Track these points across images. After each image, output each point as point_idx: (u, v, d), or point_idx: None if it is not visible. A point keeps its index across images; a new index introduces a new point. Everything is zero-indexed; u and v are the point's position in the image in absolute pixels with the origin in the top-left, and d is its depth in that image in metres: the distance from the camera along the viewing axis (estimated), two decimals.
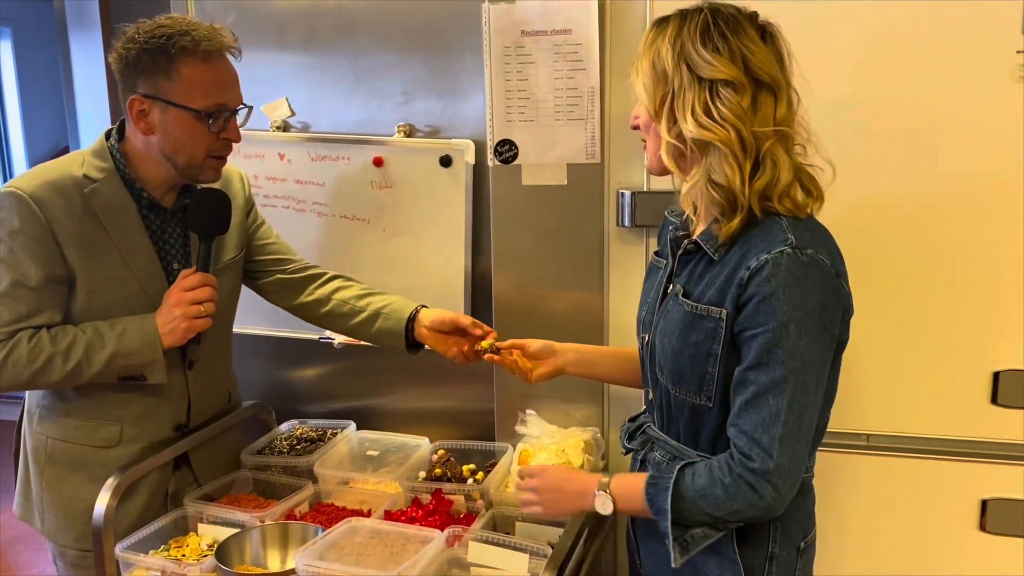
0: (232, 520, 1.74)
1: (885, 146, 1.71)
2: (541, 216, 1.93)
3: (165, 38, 1.60)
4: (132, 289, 1.71)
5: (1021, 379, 1.72)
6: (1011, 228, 1.68)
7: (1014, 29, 1.61)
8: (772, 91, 1.31)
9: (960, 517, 1.79)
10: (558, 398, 1.98)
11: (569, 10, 1.81)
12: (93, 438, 1.75)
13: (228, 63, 1.70)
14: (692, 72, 1.29)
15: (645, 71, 1.34)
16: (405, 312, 1.86)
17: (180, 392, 1.82)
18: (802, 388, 1.26)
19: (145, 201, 1.72)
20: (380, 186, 2.09)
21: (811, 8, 1.69)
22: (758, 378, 1.27)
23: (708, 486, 1.30)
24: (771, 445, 1.26)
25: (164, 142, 1.67)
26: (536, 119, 1.88)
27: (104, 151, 1.71)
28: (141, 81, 1.63)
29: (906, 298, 1.74)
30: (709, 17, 1.31)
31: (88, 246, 1.65)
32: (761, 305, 1.25)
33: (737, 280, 1.28)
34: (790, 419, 1.26)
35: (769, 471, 1.26)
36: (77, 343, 1.64)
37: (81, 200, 1.65)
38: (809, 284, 1.25)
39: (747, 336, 1.28)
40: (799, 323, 1.25)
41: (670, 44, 1.31)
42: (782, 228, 1.29)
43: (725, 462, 1.30)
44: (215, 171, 1.73)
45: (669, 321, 1.40)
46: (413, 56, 2.02)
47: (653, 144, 1.39)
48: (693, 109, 1.28)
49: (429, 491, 1.84)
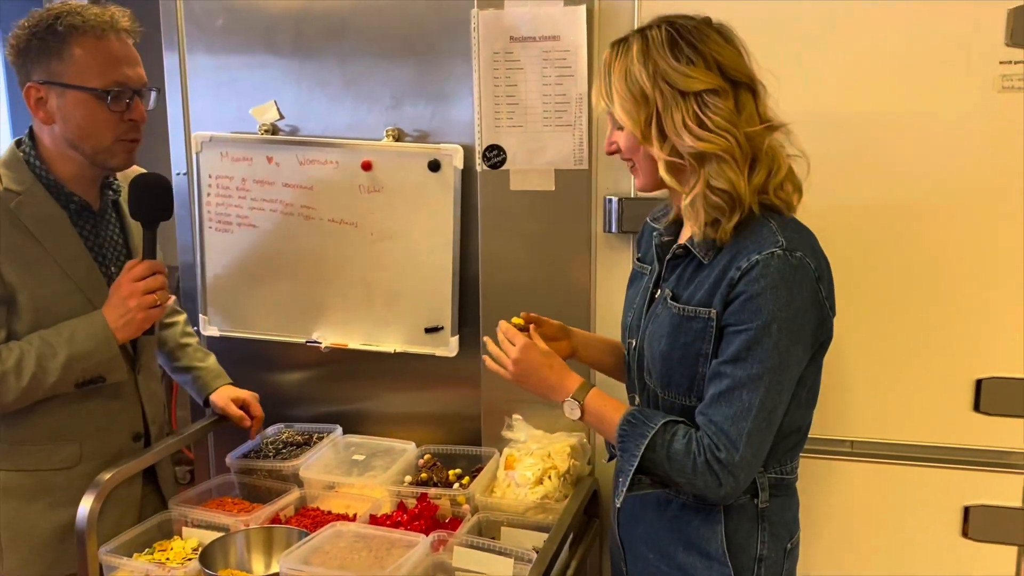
0: (217, 524, 1.74)
1: (870, 155, 1.72)
2: (529, 221, 1.93)
3: (53, 18, 1.57)
4: (78, 301, 1.65)
5: (1003, 386, 1.73)
6: (996, 236, 1.69)
7: (997, 40, 1.63)
8: (750, 89, 1.34)
9: (943, 523, 1.80)
10: (544, 403, 1.96)
11: (557, 17, 1.82)
12: (52, 461, 1.68)
13: (125, 42, 1.63)
14: (673, 88, 1.30)
15: (621, 95, 1.33)
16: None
17: (133, 397, 1.77)
18: (776, 387, 1.29)
19: (75, 206, 1.67)
20: (368, 190, 2.09)
21: (799, 18, 1.71)
22: (734, 372, 1.29)
23: (681, 454, 1.32)
24: (739, 438, 1.29)
25: (66, 129, 1.60)
26: (524, 125, 1.89)
27: (16, 161, 1.65)
28: (34, 68, 1.59)
29: (890, 306, 1.76)
30: (671, 30, 1.32)
31: (26, 263, 1.60)
32: (748, 303, 1.28)
33: (727, 280, 1.30)
34: (760, 415, 1.29)
35: (734, 463, 1.29)
36: (26, 356, 1.57)
37: (8, 215, 1.59)
38: (795, 286, 1.28)
39: (731, 331, 1.31)
40: (782, 323, 1.27)
41: (641, 64, 1.31)
42: (772, 231, 1.31)
43: (699, 442, 1.31)
44: (127, 155, 1.66)
45: (658, 325, 1.41)
46: (402, 60, 2.03)
47: (645, 165, 1.38)
48: (685, 124, 1.29)
49: (415, 495, 1.84)
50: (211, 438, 2.28)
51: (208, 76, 2.16)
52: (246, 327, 2.23)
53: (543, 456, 1.83)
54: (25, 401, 1.60)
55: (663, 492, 1.44)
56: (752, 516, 1.41)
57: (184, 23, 2.14)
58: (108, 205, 1.75)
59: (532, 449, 1.86)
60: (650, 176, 1.39)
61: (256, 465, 1.96)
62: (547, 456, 1.83)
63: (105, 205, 1.74)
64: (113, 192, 1.75)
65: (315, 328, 2.18)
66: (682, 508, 1.44)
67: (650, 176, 1.39)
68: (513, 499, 1.78)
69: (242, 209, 2.16)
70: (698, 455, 1.30)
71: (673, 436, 1.33)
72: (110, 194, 1.75)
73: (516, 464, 1.84)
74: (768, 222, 1.32)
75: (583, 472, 1.89)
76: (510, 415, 1.95)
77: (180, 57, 2.17)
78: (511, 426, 1.93)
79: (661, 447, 1.33)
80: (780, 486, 1.43)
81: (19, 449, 1.67)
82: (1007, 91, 1.64)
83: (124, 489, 1.73)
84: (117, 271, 1.71)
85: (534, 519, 1.75)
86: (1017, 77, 1.64)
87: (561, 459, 1.83)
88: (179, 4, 2.14)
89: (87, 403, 1.68)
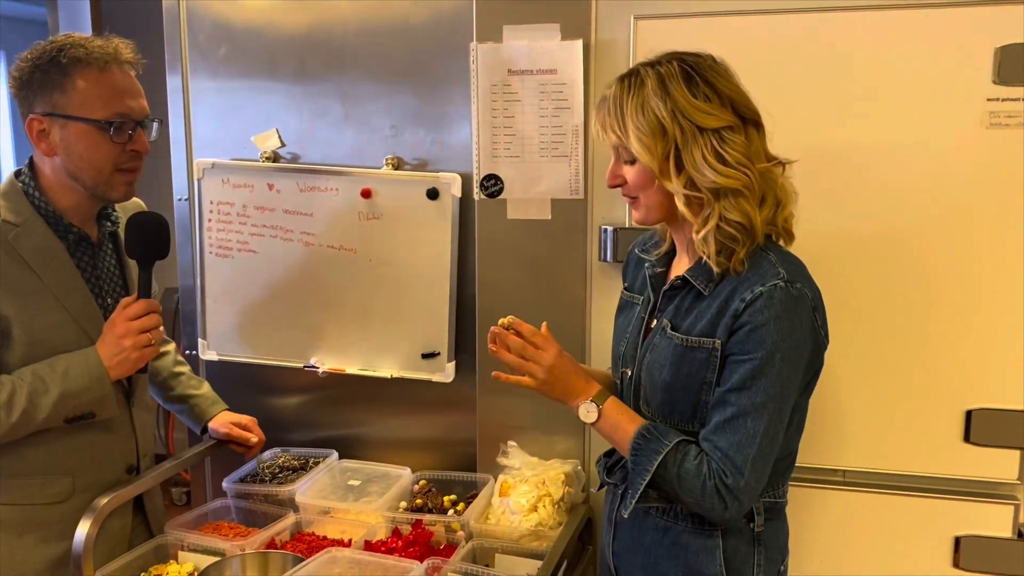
0: (213, 548, 1.74)
1: (860, 188, 1.75)
2: (526, 249, 1.96)
3: (57, 50, 1.57)
4: (72, 333, 1.64)
5: (993, 417, 1.75)
6: (985, 268, 1.72)
7: (985, 77, 1.66)
8: (756, 125, 1.37)
9: (934, 553, 1.81)
10: (540, 430, 2.00)
11: (554, 51, 1.85)
12: (44, 495, 1.65)
13: (128, 73, 1.64)
14: (692, 123, 1.32)
15: (639, 128, 1.33)
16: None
17: (127, 430, 1.76)
18: (778, 414, 1.33)
19: (73, 237, 1.67)
20: (368, 217, 2.11)
21: (792, 55, 1.74)
22: (739, 400, 1.32)
23: (692, 475, 1.34)
24: (744, 464, 1.32)
25: (68, 160, 1.60)
26: (521, 155, 1.92)
27: (15, 192, 1.64)
28: (37, 100, 1.59)
29: (880, 337, 1.78)
30: (684, 66, 1.35)
31: (22, 294, 1.59)
32: (752, 333, 1.31)
33: (732, 311, 1.33)
34: (764, 442, 1.32)
35: (739, 488, 1.32)
36: (18, 392, 1.55)
37: (6, 247, 1.59)
38: (796, 317, 1.32)
39: (734, 360, 1.34)
40: (784, 353, 1.31)
41: (659, 99, 1.32)
42: (771, 263, 1.34)
43: (709, 465, 1.33)
44: (126, 186, 1.66)
45: (658, 355, 1.43)
46: (402, 90, 2.06)
47: (654, 199, 1.39)
48: (706, 159, 1.31)
49: (410, 521, 1.85)
50: (208, 462, 2.29)
51: (211, 103, 2.20)
52: (245, 351, 2.25)
53: (538, 483, 1.84)
54: (13, 436, 1.58)
55: (662, 520, 1.46)
56: (748, 540, 1.44)
57: (188, 52, 2.18)
58: (105, 236, 1.75)
59: (527, 476, 1.87)
60: (655, 211, 1.41)
61: (252, 490, 1.97)
62: (542, 483, 1.84)
63: (103, 236, 1.74)
64: (111, 223, 1.75)
65: (313, 353, 2.20)
66: (681, 534, 1.45)
67: (655, 211, 1.41)
68: (508, 526, 1.79)
69: (242, 235, 2.19)
70: (708, 479, 1.33)
71: (685, 456, 1.36)
72: (108, 225, 1.75)
73: (511, 491, 1.85)
74: (768, 254, 1.36)
75: (577, 499, 1.90)
76: (505, 442, 1.96)
77: (183, 84, 2.20)
78: (506, 452, 1.94)
79: (673, 465, 1.35)
80: (774, 510, 1.47)
81: (11, 483, 1.64)
82: (995, 127, 1.67)
83: (116, 520, 1.72)
84: (113, 303, 1.71)
85: (528, 546, 1.76)
86: (1004, 114, 1.67)
87: (555, 486, 1.84)
88: (183, 33, 2.18)
89: (82, 436, 1.67)
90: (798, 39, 1.74)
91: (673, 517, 1.46)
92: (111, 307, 1.70)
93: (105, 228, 1.74)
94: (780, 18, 1.74)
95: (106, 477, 1.72)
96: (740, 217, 1.32)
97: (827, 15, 1.71)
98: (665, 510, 1.46)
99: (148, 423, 1.84)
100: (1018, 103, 1.65)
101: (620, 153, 1.41)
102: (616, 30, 1.83)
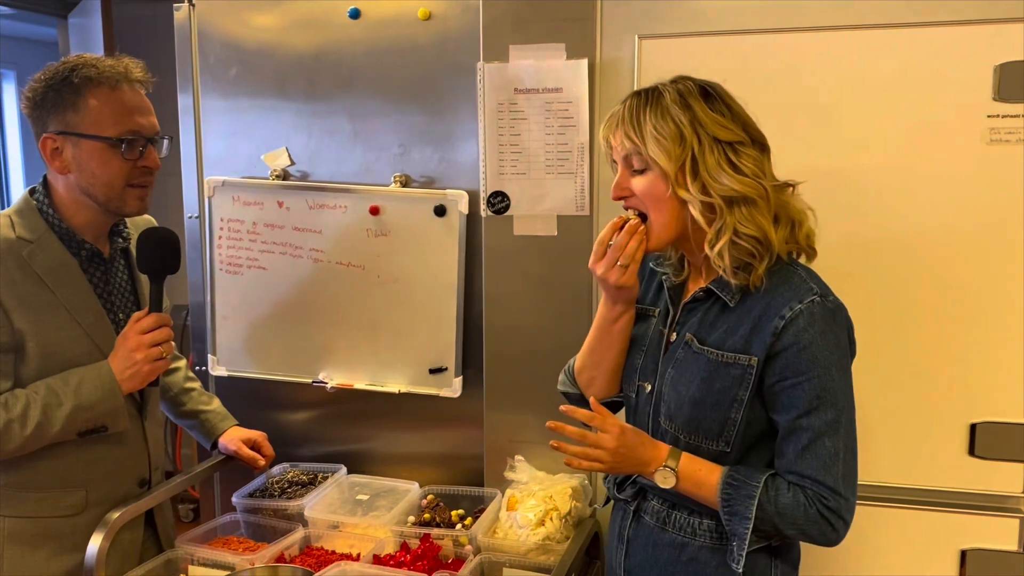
0: (223, 562, 1.75)
1: (862, 205, 1.77)
2: (532, 265, 1.98)
3: (69, 70, 1.60)
4: (85, 346, 1.66)
5: (998, 431, 1.76)
6: (988, 283, 1.73)
7: (985, 95, 1.69)
8: (763, 148, 1.40)
9: (940, 567, 1.81)
10: (547, 444, 1.99)
11: (560, 70, 1.88)
12: (59, 508, 1.67)
13: (138, 92, 1.66)
14: (709, 134, 1.34)
15: (659, 134, 1.34)
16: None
17: (139, 443, 1.77)
18: (850, 424, 1.35)
19: (86, 253, 1.69)
20: (376, 234, 2.14)
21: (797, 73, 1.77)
22: (811, 423, 1.33)
23: (791, 507, 1.33)
24: (836, 484, 1.33)
25: (81, 178, 1.63)
26: (528, 172, 1.94)
27: (29, 209, 1.67)
28: (50, 119, 1.61)
29: (884, 351, 1.79)
30: (701, 85, 1.38)
31: (36, 310, 1.61)
32: (802, 354, 1.32)
33: (770, 329, 1.33)
34: (847, 457, 1.34)
35: (842, 508, 1.33)
36: (32, 405, 1.57)
37: (20, 263, 1.61)
38: (839, 328, 1.34)
39: (788, 384, 1.33)
40: (838, 365, 1.33)
41: (680, 108, 1.35)
42: (802, 278, 1.36)
43: (805, 493, 1.33)
44: (139, 201, 1.68)
45: (684, 370, 1.42)
46: (410, 109, 2.09)
47: (666, 213, 1.38)
48: (721, 166, 1.33)
49: (418, 536, 1.86)
50: (217, 477, 2.31)
51: (221, 122, 2.23)
52: (254, 367, 2.27)
53: (545, 497, 1.85)
54: (27, 449, 1.60)
55: (679, 536, 1.45)
56: (766, 555, 1.43)
57: (199, 72, 2.22)
58: (117, 252, 1.77)
59: (534, 490, 1.88)
60: (669, 228, 1.38)
61: (261, 504, 1.99)
62: (549, 497, 1.85)
63: (115, 252, 1.76)
64: (123, 240, 1.78)
65: (321, 368, 2.22)
66: (699, 550, 1.44)
67: (669, 228, 1.38)
68: (515, 540, 1.80)
69: (252, 252, 2.22)
70: (808, 507, 1.33)
71: (778, 492, 1.34)
72: (120, 242, 1.77)
73: (518, 505, 1.86)
74: (796, 269, 1.38)
75: (584, 514, 1.91)
76: (512, 456, 1.97)
77: (194, 104, 2.24)
78: (513, 467, 1.96)
79: (768, 504, 1.34)
80: None
81: (25, 495, 1.65)
82: (995, 143, 1.69)
83: (127, 534, 1.73)
84: (125, 318, 1.73)
85: (536, 560, 1.77)
86: (1005, 130, 1.69)
87: (563, 500, 1.85)
88: (194, 54, 2.22)
89: (95, 449, 1.68)
90: (802, 58, 1.76)
91: (691, 533, 1.44)
92: (123, 322, 1.72)
93: (117, 244, 1.77)
94: (784, 37, 1.76)
95: (119, 490, 1.73)
96: (755, 231, 1.33)
97: (830, 34, 1.74)
98: (683, 525, 1.45)
99: (160, 437, 1.86)
100: (1018, 119, 1.68)
101: (631, 162, 1.40)
102: (621, 49, 1.86)
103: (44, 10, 3.70)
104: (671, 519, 1.47)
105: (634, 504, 1.53)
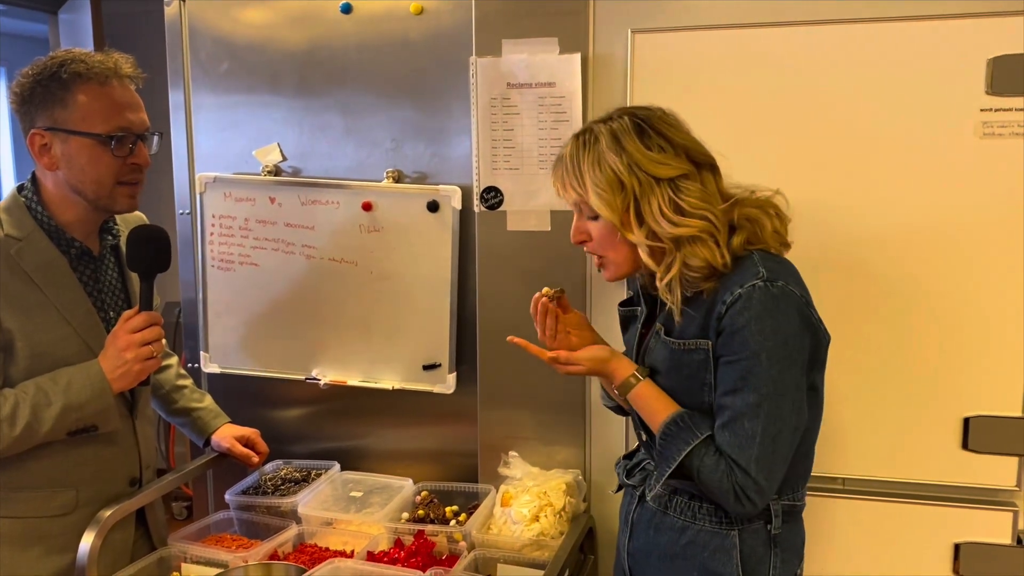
0: (216, 560, 1.75)
1: (855, 199, 1.77)
2: (525, 260, 1.98)
3: (57, 65, 1.58)
4: (75, 346, 1.64)
5: (991, 425, 1.76)
6: (981, 276, 1.73)
7: (978, 89, 1.69)
8: (710, 168, 1.41)
9: (934, 560, 1.82)
10: (541, 440, 2.01)
11: (553, 64, 1.88)
12: (49, 507, 1.65)
13: (128, 87, 1.65)
14: (647, 175, 1.36)
15: (597, 184, 1.38)
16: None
17: (130, 442, 1.76)
18: (776, 412, 1.34)
19: (75, 251, 1.67)
20: (369, 230, 2.13)
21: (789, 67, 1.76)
22: (733, 403, 1.35)
23: (711, 470, 1.37)
24: (748, 465, 1.34)
25: (70, 174, 1.61)
26: (521, 167, 1.94)
27: (17, 207, 1.65)
28: (38, 115, 1.59)
29: (878, 345, 1.79)
30: (636, 120, 1.39)
31: (25, 309, 1.59)
32: (735, 336, 1.34)
33: (716, 313, 1.36)
34: (765, 441, 1.34)
35: (748, 488, 1.34)
36: (21, 405, 1.55)
37: (8, 261, 1.59)
38: (780, 314, 1.34)
39: (723, 363, 1.37)
40: (770, 352, 1.33)
41: (614, 153, 1.37)
42: (754, 263, 1.37)
43: (726, 464, 1.36)
44: (129, 199, 1.67)
45: (655, 359, 1.47)
46: (402, 104, 2.08)
47: (619, 253, 1.44)
48: (662, 211, 1.36)
49: (412, 532, 1.86)
50: (210, 475, 2.30)
51: (212, 118, 2.22)
52: (247, 364, 2.26)
53: (539, 493, 1.85)
54: (16, 449, 1.58)
55: (680, 519, 1.48)
56: (765, 541, 1.46)
57: (190, 67, 2.21)
58: (107, 250, 1.75)
59: (528, 486, 1.88)
60: (624, 265, 1.45)
61: (255, 502, 1.98)
62: (543, 493, 1.85)
63: (104, 250, 1.75)
64: (112, 237, 1.76)
65: (314, 365, 2.22)
66: (699, 533, 1.47)
67: (624, 265, 1.45)
68: (509, 536, 1.80)
69: (244, 248, 2.21)
70: (723, 477, 1.36)
71: (708, 451, 1.38)
72: (109, 239, 1.75)
73: (512, 501, 1.86)
74: (752, 256, 1.38)
75: (578, 509, 1.91)
76: (506, 452, 1.97)
77: (185, 100, 2.23)
78: (507, 463, 1.95)
79: (697, 458, 1.38)
80: (791, 513, 1.49)
81: (14, 496, 1.63)
82: (988, 137, 1.69)
83: (118, 532, 1.72)
84: (116, 316, 1.71)
85: (530, 556, 1.76)
86: (997, 124, 1.69)
87: (557, 496, 1.85)
88: (185, 49, 2.21)
89: (85, 449, 1.66)
90: (794, 51, 1.76)
91: (691, 517, 1.47)
92: (113, 320, 1.70)
93: (107, 242, 1.75)
94: (776, 31, 1.76)
95: (109, 490, 1.72)
96: (701, 263, 1.36)
97: (823, 28, 1.74)
98: (684, 508, 1.48)
99: (151, 436, 1.85)
100: (1011, 113, 1.68)
101: (583, 209, 1.45)
102: (614, 43, 1.85)
103: (34, 6, 3.68)
104: (672, 503, 1.49)
105: (640, 489, 1.56)
